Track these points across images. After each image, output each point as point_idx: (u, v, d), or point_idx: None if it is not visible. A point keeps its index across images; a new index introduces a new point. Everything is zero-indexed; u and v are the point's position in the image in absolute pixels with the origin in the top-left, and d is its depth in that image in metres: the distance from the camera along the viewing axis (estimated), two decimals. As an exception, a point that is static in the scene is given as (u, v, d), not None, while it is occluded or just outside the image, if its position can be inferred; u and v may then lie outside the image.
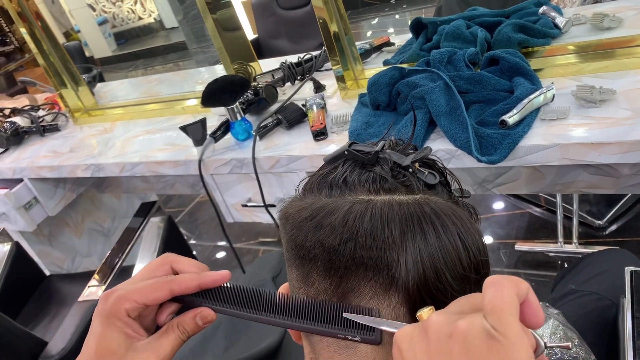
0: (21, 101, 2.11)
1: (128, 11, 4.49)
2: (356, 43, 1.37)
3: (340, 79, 1.35)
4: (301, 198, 0.48)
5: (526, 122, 0.98)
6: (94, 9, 4.51)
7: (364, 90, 1.23)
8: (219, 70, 1.86)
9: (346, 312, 0.42)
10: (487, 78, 1.08)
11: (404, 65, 1.29)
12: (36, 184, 1.72)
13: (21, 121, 1.84)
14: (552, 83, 1.03)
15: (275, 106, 1.39)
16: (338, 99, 1.37)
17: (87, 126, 1.83)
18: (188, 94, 1.75)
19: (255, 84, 1.41)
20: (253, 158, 1.23)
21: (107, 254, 1.52)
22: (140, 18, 4.52)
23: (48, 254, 1.97)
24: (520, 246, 1.86)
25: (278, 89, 1.44)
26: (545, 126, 0.98)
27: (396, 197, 0.44)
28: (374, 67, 1.39)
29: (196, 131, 1.31)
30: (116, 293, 0.49)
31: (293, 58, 1.56)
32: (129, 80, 2.65)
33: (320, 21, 1.25)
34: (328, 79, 1.46)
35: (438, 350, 0.34)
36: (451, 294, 0.41)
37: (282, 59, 1.57)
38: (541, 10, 1.27)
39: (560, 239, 1.81)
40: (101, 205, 2.22)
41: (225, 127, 1.32)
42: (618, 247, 1.62)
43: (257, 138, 1.27)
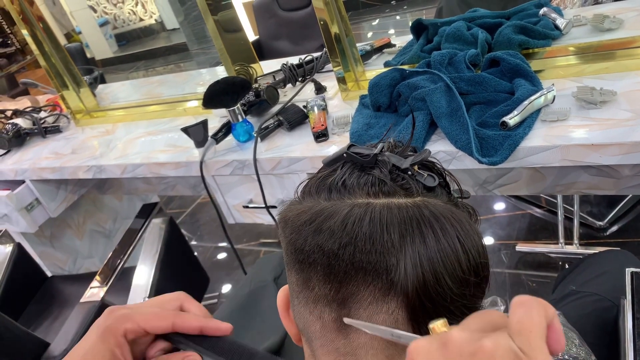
0: (23, 103, 2.11)
1: (129, 12, 4.50)
2: (357, 44, 1.37)
3: (341, 81, 1.35)
4: (300, 201, 0.48)
5: (527, 124, 0.98)
6: (95, 11, 4.52)
7: (365, 91, 1.23)
8: (220, 71, 1.86)
9: (345, 318, 0.42)
10: (488, 79, 1.08)
11: (405, 66, 1.29)
12: (38, 186, 1.73)
13: (23, 123, 1.85)
14: (553, 84, 1.03)
15: (276, 108, 1.39)
16: (339, 101, 1.37)
17: (89, 128, 1.84)
18: (189, 96, 1.76)
19: (256, 86, 1.41)
20: (254, 159, 1.24)
21: (109, 255, 1.52)
22: (141, 19, 4.52)
23: (50, 255, 1.97)
24: (521, 247, 1.86)
25: (279, 91, 1.44)
26: (545, 127, 0.98)
27: (395, 201, 0.43)
28: (375, 69, 1.39)
29: (198, 133, 1.32)
30: (122, 311, 0.51)
31: (294, 59, 1.56)
32: (130, 81, 2.66)
33: (321, 22, 1.25)
34: (329, 81, 1.46)
35: None
36: (451, 298, 0.41)
37: (283, 61, 1.57)
38: (542, 11, 1.27)
39: (561, 240, 1.81)
40: (103, 206, 2.22)
41: (226, 129, 1.33)
42: (619, 248, 1.62)
43: (259, 139, 1.27)
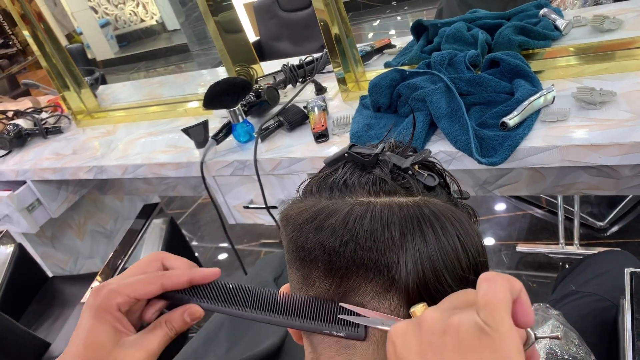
0: (24, 103, 2.12)
1: (130, 13, 4.50)
2: (357, 45, 1.37)
3: (341, 81, 1.35)
4: (302, 200, 0.48)
5: (526, 124, 0.99)
6: (96, 12, 4.52)
7: (365, 92, 1.24)
8: (221, 72, 1.86)
9: (340, 314, 0.43)
10: (488, 80, 1.09)
11: (405, 67, 1.30)
12: (39, 186, 1.73)
13: (24, 123, 1.85)
14: (553, 85, 1.03)
15: (276, 108, 1.39)
16: (339, 101, 1.38)
17: (90, 128, 1.84)
18: (190, 96, 1.76)
19: (257, 86, 1.42)
20: (255, 160, 1.24)
21: (110, 256, 1.52)
22: (142, 20, 4.53)
23: (51, 256, 1.98)
24: (521, 247, 1.87)
25: (279, 91, 1.44)
26: (545, 128, 0.98)
27: (396, 199, 0.44)
28: (375, 69, 1.40)
29: (198, 133, 1.32)
30: (108, 287, 0.49)
31: (294, 60, 1.56)
32: (131, 82, 2.66)
33: (321, 23, 1.26)
34: (329, 81, 1.47)
35: (431, 345, 0.35)
36: None
37: (284, 61, 1.58)
38: (542, 12, 1.27)
39: (561, 241, 1.81)
40: (103, 207, 2.22)
41: (227, 129, 1.33)
42: (619, 249, 1.62)
43: (259, 140, 1.28)
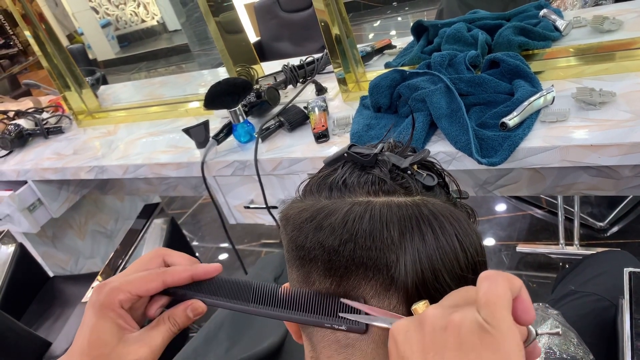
0: (25, 104, 2.12)
1: (131, 14, 4.51)
2: (358, 45, 1.37)
3: (341, 82, 1.35)
4: (301, 200, 0.49)
5: (526, 124, 0.99)
6: (97, 12, 4.53)
7: (366, 92, 1.24)
8: (222, 72, 1.87)
9: (341, 312, 0.43)
10: (488, 80, 1.09)
11: (405, 67, 1.30)
12: (40, 186, 1.73)
13: (25, 123, 1.86)
14: (552, 85, 1.04)
15: (277, 108, 1.39)
16: (340, 102, 1.38)
17: (91, 128, 1.84)
18: (191, 97, 1.76)
19: (257, 87, 1.42)
20: (255, 160, 1.24)
21: (110, 256, 1.52)
22: (143, 21, 4.54)
23: (52, 256, 1.98)
24: (521, 248, 1.87)
25: (280, 92, 1.45)
26: (545, 128, 0.98)
27: (395, 199, 0.44)
28: (376, 70, 1.40)
29: (199, 133, 1.32)
30: (110, 285, 0.50)
31: (295, 61, 1.56)
32: (132, 82, 2.67)
33: (322, 24, 1.26)
34: (330, 82, 1.47)
35: (433, 342, 0.35)
36: None
37: (284, 62, 1.58)
38: (542, 13, 1.27)
39: (561, 241, 1.82)
40: (104, 207, 2.23)
41: (227, 130, 1.33)
42: (618, 249, 1.62)
43: (260, 140, 1.28)
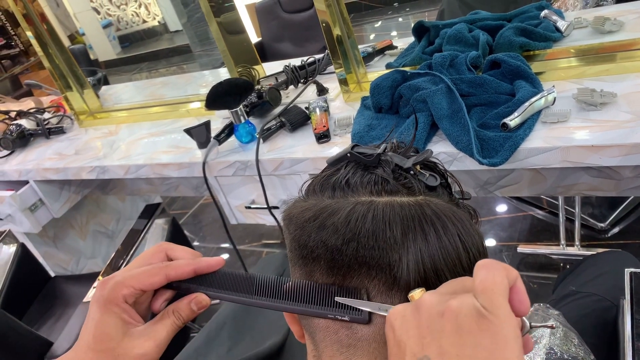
0: (27, 104, 2.13)
1: (132, 14, 4.51)
2: (359, 46, 1.38)
3: (343, 82, 1.36)
4: (304, 199, 0.49)
5: (527, 125, 0.99)
6: (99, 12, 4.53)
7: (367, 93, 1.24)
8: (223, 73, 1.87)
9: (337, 296, 0.43)
10: (489, 81, 1.09)
11: (407, 68, 1.30)
12: (41, 186, 1.74)
13: (27, 124, 1.86)
14: (554, 86, 1.04)
15: (278, 109, 1.40)
16: (341, 102, 1.38)
17: (92, 129, 1.85)
18: (192, 97, 1.77)
19: (259, 87, 1.42)
20: (257, 160, 1.24)
21: (112, 256, 1.52)
22: (144, 21, 4.54)
23: (53, 256, 1.98)
24: (522, 248, 1.87)
25: (281, 92, 1.45)
26: (546, 129, 0.99)
27: (398, 199, 0.44)
28: (377, 70, 1.40)
29: (200, 134, 1.32)
30: (113, 280, 0.50)
31: (296, 61, 1.57)
32: (134, 83, 2.67)
33: (323, 24, 1.26)
34: (331, 82, 1.47)
35: (430, 327, 0.36)
36: None
37: (286, 62, 1.58)
38: (543, 13, 1.27)
39: (562, 242, 1.82)
40: (105, 207, 2.23)
41: (229, 130, 1.34)
42: (619, 249, 1.62)
43: (261, 140, 1.28)
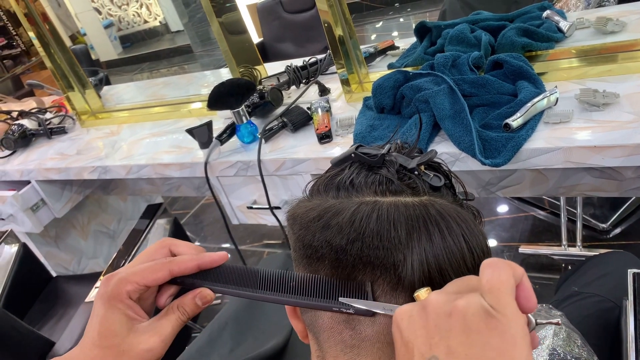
0: (28, 104, 2.13)
1: (134, 14, 4.51)
2: (361, 47, 1.38)
3: (345, 83, 1.36)
4: (309, 199, 0.49)
5: (530, 126, 0.99)
6: (100, 13, 4.53)
7: (369, 93, 1.24)
8: (225, 73, 1.87)
9: (341, 296, 0.43)
10: (491, 82, 1.09)
11: (409, 68, 1.30)
12: (43, 186, 1.74)
13: (29, 124, 1.86)
14: (556, 87, 1.04)
15: (280, 109, 1.40)
16: (343, 102, 1.38)
17: (94, 129, 1.85)
18: (193, 97, 1.77)
19: (260, 87, 1.42)
20: (258, 160, 1.24)
21: (113, 256, 1.52)
22: (145, 21, 4.54)
23: (54, 256, 1.98)
24: (524, 249, 1.87)
25: (283, 92, 1.45)
26: (548, 129, 0.98)
27: (402, 199, 0.44)
28: (379, 71, 1.40)
29: (202, 134, 1.33)
30: (117, 276, 0.50)
31: (298, 61, 1.57)
32: (135, 83, 2.67)
33: (325, 25, 1.26)
34: (333, 83, 1.47)
35: (437, 327, 0.36)
36: None
37: (288, 63, 1.58)
38: (545, 14, 1.27)
39: (564, 242, 1.81)
40: (107, 207, 2.23)
41: (231, 130, 1.34)
42: (621, 250, 1.62)
43: (263, 141, 1.28)
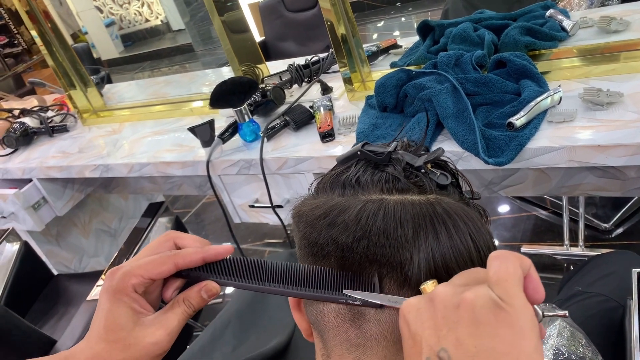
0: (30, 102, 2.13)
1: (135, 13, 4.51)
2: (363, 45, 1.37)
3: (347, 81, 1.35)
4: (314, 197, 0.49)
5: (533, 125, 0.99)
6: (101, 11, 4.53)
7: (371, 92, 1.24)
8: (226, 72, 1.87)
9: (347, 283, 0.43)
10: (494, 80, 1.09)
11: (411, 67, 1.30)
12: (45, 184, 1.74)
13: (30, 122, 1.86)
14: (559, 86, 1.03)
15: (282, 108, 1.39)
16: (345, 101, 1.38)
17: (96, 127, 1.85)
18: (195, 96, 1.77)
19: (263, 86, 1.42)
20: (261, 159, 1.24)
21: (115, 255, 1.52)
22: (147, 20, 4.54)
23: (56, 254, 1.98)
24: (526, 249, 1.86)
25: (285, 91, 1.45)
26: (552, 128, 0.98)
27: (409, 197, 0.44)
28: (381, 69, 1.40)
29: (204, 132, 1.32)
30: (122, 270, 0.50)
31: (300, 60, 1.57)
32: (137, 81, 2.68)
33: (327, 23, 1.26)
34: (335, 81, 1.47)
35: (445, 319, 0.36)
36: None
37: (290, 61, 1.58)
38: (548, 13, 1.27)
39: (566, 242, 1.81)
40: (108, 205, 2.23)
41: (233, 129, 1.33)
42: (625, 250, 1.61)
43: (265, 139, 1.28)
